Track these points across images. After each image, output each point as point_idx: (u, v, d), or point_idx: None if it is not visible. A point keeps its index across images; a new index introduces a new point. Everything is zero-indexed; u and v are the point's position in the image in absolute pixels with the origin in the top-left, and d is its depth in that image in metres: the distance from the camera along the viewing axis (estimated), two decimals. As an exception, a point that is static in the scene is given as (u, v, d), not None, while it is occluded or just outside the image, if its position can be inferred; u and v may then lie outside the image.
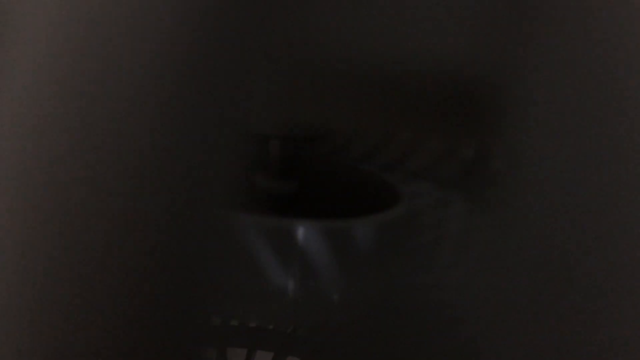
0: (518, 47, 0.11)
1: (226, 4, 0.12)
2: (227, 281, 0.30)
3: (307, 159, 0.37)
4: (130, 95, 0.12)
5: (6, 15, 0.12)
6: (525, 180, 0.12)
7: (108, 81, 0.12)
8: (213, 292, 0.30)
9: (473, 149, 0.36)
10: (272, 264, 0.30)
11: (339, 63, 0.13)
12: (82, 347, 0.12)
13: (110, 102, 0.12)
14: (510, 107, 0.12)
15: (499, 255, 0.12)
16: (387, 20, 0.13)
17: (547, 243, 0.11)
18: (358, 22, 0.13)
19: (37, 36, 0.12)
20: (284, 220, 0.29)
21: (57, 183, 0.12)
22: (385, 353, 0.32)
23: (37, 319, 0.12)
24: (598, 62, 0.11)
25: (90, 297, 0.12)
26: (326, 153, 0.41)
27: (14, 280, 0.12)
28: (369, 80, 0.13)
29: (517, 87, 0.11)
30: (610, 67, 0.11)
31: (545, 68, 0.11)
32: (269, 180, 0.33)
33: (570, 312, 0.11)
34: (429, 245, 0.35)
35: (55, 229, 0.12)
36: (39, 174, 0.12)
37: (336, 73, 0.13)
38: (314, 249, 0.30)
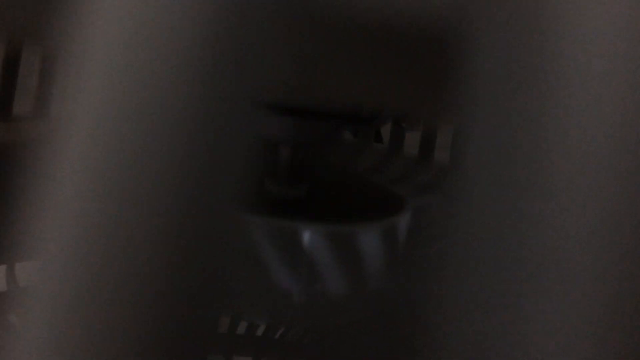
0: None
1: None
2: (235, 282, 0.31)
3: (317, 166, 0.38)
4: (151, 100, 0.13)
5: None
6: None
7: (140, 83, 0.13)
8: (221, 294, 0.31)
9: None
10: (279, 266, 0.30)
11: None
12: (88, 347, 0.13)
13: (137, 107, 0.13)
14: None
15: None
16: None
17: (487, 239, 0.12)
18: None
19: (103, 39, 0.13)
20: (291, 223, 0.30)
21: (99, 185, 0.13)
22: (386, 357, 0.33)
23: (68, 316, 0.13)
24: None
25: (99, 301, 0.13)
26: (337, 162, 0.41)
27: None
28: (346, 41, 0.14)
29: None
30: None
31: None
32: (278, 185, 0.33)
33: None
34: (436, 255, 0.36)
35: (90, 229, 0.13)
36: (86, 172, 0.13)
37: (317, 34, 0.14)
38: (320, 251, 0.30)
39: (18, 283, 0.43)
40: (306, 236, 0.31)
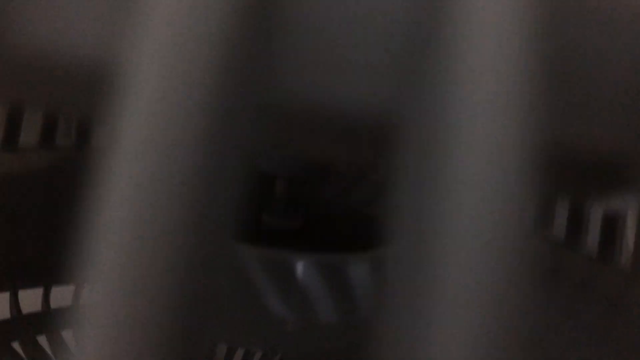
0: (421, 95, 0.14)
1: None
2: (232, 311, 0.32)
3: (312, 199, 0.39)
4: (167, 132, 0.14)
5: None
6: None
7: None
8: (217, 322, 0.32)
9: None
10: (275, 295, 0.31)
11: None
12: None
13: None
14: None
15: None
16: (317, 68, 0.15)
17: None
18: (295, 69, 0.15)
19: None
20: (286, 254, 0.31)
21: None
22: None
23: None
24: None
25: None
26: (330, 195, 0.42)
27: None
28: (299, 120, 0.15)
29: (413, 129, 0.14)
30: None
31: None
32: (274, 217, 0.34)
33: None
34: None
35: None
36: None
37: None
38: (314, 281, 0.31)
39: (22, 310, 0.44)
40: (301, 266, 0.32)
